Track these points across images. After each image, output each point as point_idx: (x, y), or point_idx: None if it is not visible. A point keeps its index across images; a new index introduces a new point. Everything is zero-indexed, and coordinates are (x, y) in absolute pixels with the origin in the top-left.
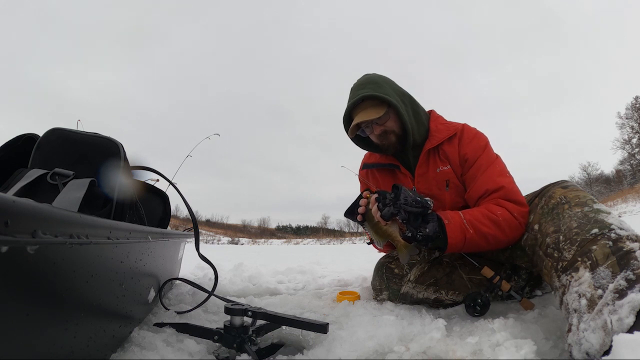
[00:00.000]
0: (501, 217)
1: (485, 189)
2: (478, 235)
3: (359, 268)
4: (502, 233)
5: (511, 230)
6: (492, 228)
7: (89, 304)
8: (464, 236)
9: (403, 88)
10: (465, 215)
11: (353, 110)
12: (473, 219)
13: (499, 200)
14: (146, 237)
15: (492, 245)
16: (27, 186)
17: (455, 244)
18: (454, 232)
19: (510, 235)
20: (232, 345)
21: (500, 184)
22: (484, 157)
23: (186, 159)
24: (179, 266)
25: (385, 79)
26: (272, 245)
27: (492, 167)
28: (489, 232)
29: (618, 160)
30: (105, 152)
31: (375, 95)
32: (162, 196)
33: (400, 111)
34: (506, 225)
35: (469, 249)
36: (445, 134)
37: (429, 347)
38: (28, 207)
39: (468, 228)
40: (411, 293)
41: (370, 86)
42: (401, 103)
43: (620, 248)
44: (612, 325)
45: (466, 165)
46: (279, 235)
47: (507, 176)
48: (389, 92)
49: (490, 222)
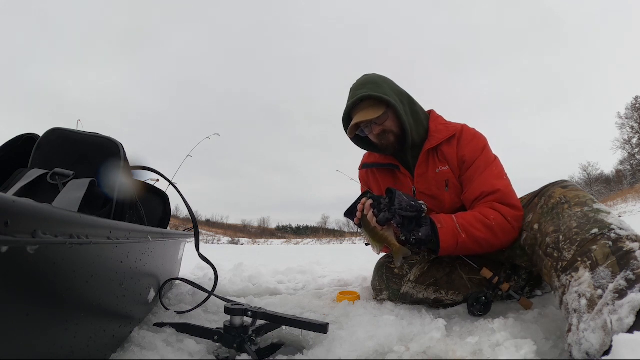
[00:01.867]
0: (494, 221)
1: (481, 191)
2: (470, 240)
3: (359, 268)
4: (495, 237)
5: (504, 235)
6: (485, 232)
7: (89, 304)
8: (456, 240)
9: (402, 88)
10: (458, 219)
11: (352, 110)
12: (466, 224)
13: (493, 203)
14: (146, 237)
15: (484, 249)
16: (27, 186)
17: (447, 247)
18: (446, 236)
19: (503, 239)
20: (232, 345)
21: (497, 187)
22: (482, 158)
23: (186, 159)
24: (179, 266)
25: (384, 79)
26: (272, 245)
27: (489, 169)
28: (482, 237)
29: (618, 160)
30: (105, 152)
31: (373, 95)
32: (162, 196)
33: (398, 111)
34: (499, 230)
35: (462, 252)
36: (444, 134)
37: (429, 347)
38: (28, 207)
39: (460, 232)
40: (411, 293)
41: (369, 86)
42: (400, 103)
43: (620, 248)
44: (612, 325)
45: (464, 166)
46: (279, 235)
47: (503, 179)
48: (388, 92)
49: (484, 226)
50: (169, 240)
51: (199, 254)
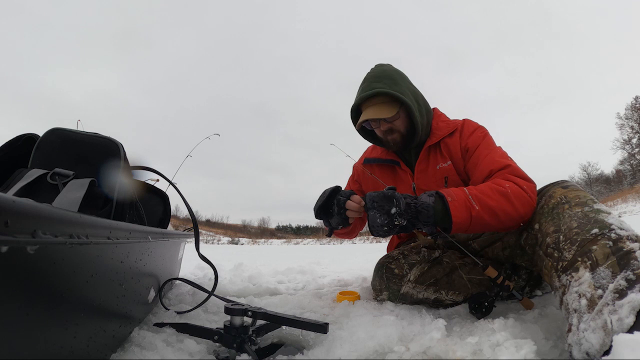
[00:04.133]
0: (509, 189)
1: (490, 169)
2: (485, 211)
3: (359, 268)
4: (512, 207)
5: (522, 205)
6: (500, 201)
7: (89, 304)
8: (470, 214)
9: (414, 85)
10: (470, 190)
11: (364, 101)
12: (479, 193)
13: (506, 175)
14: (146, 237)
15: (503, 223)
16: (27, 186)
17: (461, 222)
18: (458, 210)
19: (521, 210)
20: (232, 345)
21: (506, 163)
22: (484, 144)
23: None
24: (179, 266)
25: (401, 74)
26: (272, 245)
27: (493, 151)
28: (498, 206)
29: (618, 160)
30: (105, 152)
31: (390, 93)
32: (162, 196)
33: (413, 112)
34: (515, 198)
35: (478, 227)
36: (445, 131)
37: (429, 347)
38: (28, 207)
39: (474, 204)
40: (411, 293)
41: (386, 81)
42: (415, 103)
43: (621, 248)
44: (612, 325)
45: (467, 154)
46: (279, 235)
47: (510, 159)
48: (404, 91)
49: (499, 194)
50: (169, 240)
51: (199, 254)
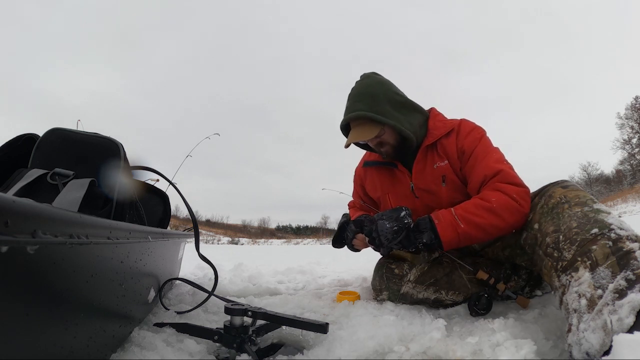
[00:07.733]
0: (496, 203)
1: (484, 175)
2: (472, 228)
3: (359, 268)
4: (499, 219)
5: (510, 215)
6: (486, 217)
7: (89, 304)
8: (456, 231)
9: (401, 91)
10: (456, 210)
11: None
12: (464, 212)
13: (497, 184)
14: (146, 237)
15: (492, 234)
16: (27, 186)
17: (449, 241)
18: (445, 230)
19: (510, 220)
20: (232, 345)
21: (499, 169)
22: (480, 147)
23: (186, 159)
24: (179, 266)
25: (383, 88)
26: (272, 245)
27: (489, 155)
28: (484, 222)
29: (618, 160)
30: (105, 152)
31: (369, 116)
32: (162, 196)
33: (397, 127)
34: (503, 210)
35: (468, 241)
36: (441, 130)
37: (429, 347)
38: (28, 207)
39: (459, 223)
40: (411, 293)
41: (367, 100)
42: (398, 118)
43: (620, 248)
44: (612, 325)
45: (464, 157)
46: (279, 235)
47: (504, 163)
48: (385, 110)
49: (484, 211)
50: (169, 240)
51: (199, 254)
